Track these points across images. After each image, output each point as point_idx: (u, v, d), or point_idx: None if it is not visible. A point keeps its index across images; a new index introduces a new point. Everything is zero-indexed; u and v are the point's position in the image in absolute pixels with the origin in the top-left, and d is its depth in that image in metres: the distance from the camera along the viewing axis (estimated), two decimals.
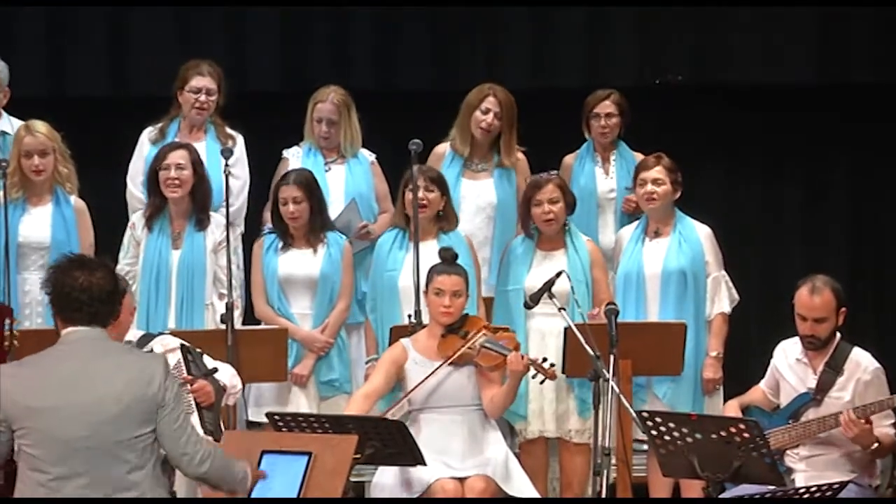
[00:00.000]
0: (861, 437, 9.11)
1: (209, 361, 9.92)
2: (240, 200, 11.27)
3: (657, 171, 10.61)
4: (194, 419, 9.58)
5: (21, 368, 7.83)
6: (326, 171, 11.25)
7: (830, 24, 13.38)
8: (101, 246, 11.00)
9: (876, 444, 9.16)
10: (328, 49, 13.52)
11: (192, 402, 9.68)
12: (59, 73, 13.38)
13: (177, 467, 8.05)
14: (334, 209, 11.08)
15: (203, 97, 11.38)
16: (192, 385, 9.58)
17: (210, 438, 9.36)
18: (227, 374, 9.80)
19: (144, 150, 11.47)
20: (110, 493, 7.66)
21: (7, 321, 9.92)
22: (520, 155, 11.37)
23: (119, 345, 8.38)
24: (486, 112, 11.21)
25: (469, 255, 10.59)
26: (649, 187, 10.57)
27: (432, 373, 9.79)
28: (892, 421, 9.27)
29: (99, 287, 7.77)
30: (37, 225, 10.69)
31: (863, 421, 9.14)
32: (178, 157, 10.72)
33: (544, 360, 9.71)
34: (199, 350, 9.90)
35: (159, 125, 11.49)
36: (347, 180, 11.29)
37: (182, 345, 9.70)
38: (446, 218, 10.66)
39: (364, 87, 12.00)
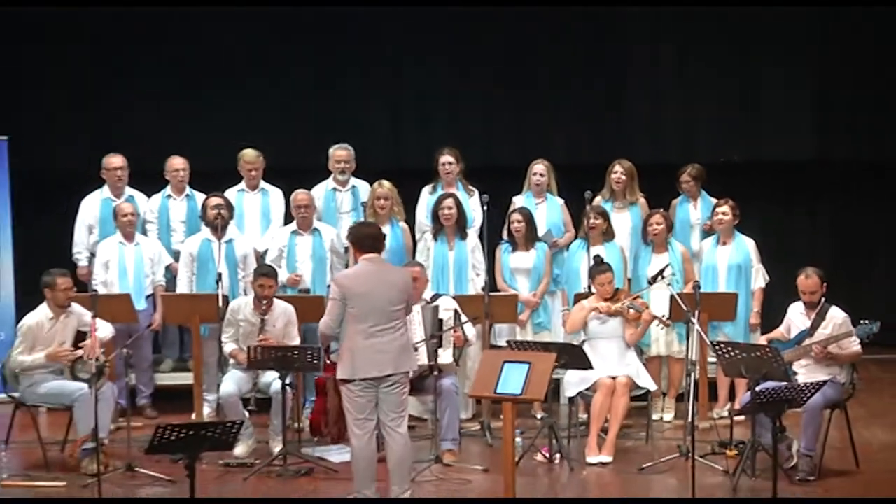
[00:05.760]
0: (823, 358, 9.38)
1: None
2: (477, 223, 11.21)
3: (726, 209, 10.95)
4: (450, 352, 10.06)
5: (349, 274, 8.79)
6: (537, 205, 11.28)
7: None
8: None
9: (832, 358, 9.39)
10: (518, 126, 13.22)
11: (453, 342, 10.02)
12: (398, 147, 13.19)
13: None
14: (540, 231, 11.19)
15: (448, 167, 11.37)
16: (455, 332, 9.98)
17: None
18: (471, 332, 10.12)
19: (425, 198, 11.52)
20: (390, 331, 8.54)
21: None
22: (642, 200, 11.42)
23: (389, 264, 9.24)
24: (616, 172, 11.35)
25: (620, 256, 10.92)
26: (721, 216, 10.95)
27: (591, 309, 10.11)
28: (857, 342, 9.40)
29: (377, 233, 8.85)
30: None
31: (823, 349, 9.36)
32: (450, 203, 10.96)
33: (663, 315, 10.19)
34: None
35: (433, 184, 11.50)
36: (549, 213, 11.35)
37: (455, 309, 10.08)
38: (608, 233, 10.94)
39: (558, 161, 11.72)
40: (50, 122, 12.76)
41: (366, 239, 8.85)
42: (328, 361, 9.76)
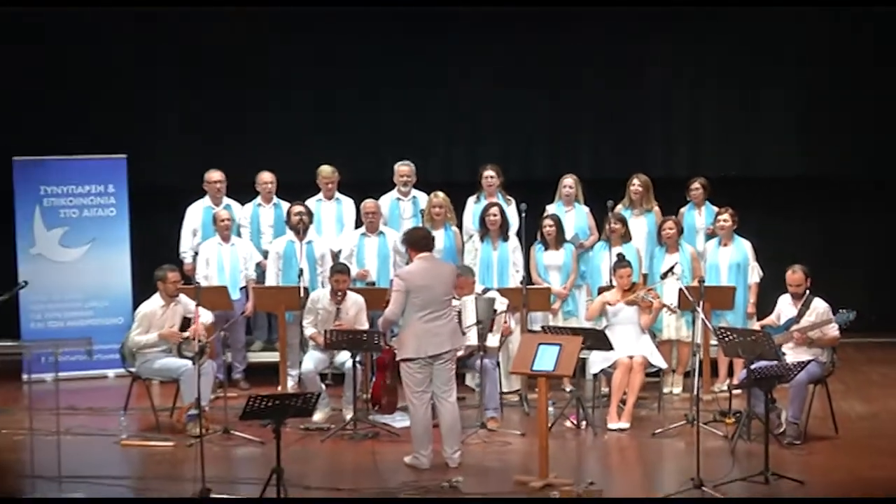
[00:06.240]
0: (802, 343, 9.41)
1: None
2: (515, 227, 11.01)
3: (727, 216, 10.89)
4: (497, 338, 10.02)
5: (411, 270, 8.70)
6: (566, 212, 11.23)
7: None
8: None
9: (811, 342, 9.40)
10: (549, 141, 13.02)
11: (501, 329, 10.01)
12: (450, 164, 12.88)
13: None
14: (569, 234, 11.16)
15: (490, 180, 11.30)
16: (505, 323, 10.02)
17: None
18: (512, 323, 10.19)
19: (471, 206, 11.44)
20: (444, 316, 8.60)
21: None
22: (656, 208, 11.35)
23: (440, 260, 9.28)
24: (634, 185, 11.30)
25: (636, 255, 10.82)
26: (722, 222, 10.88)
27: (603, 302, 10.15)
28: (836, 328, 9.38)
29: (427, 235, 8.95)
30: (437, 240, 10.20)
31: (802, 335, 9.36)
32: (495, 211, 10.89)
33: (671, 304, 10.26)
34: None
35: (476, 195, 11.43)
36: (577, 219, 11.30)
37: (508, 304, 10.10)
38: (626, 236, 10.86)
39: (584, 175, 11.67)
40: (161, 142, 12.75)
41: (419, 241, 8.90)
42: (385, 345, 9.79)
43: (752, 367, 8.86)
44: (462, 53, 12.90)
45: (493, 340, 9.93)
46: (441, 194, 11.22)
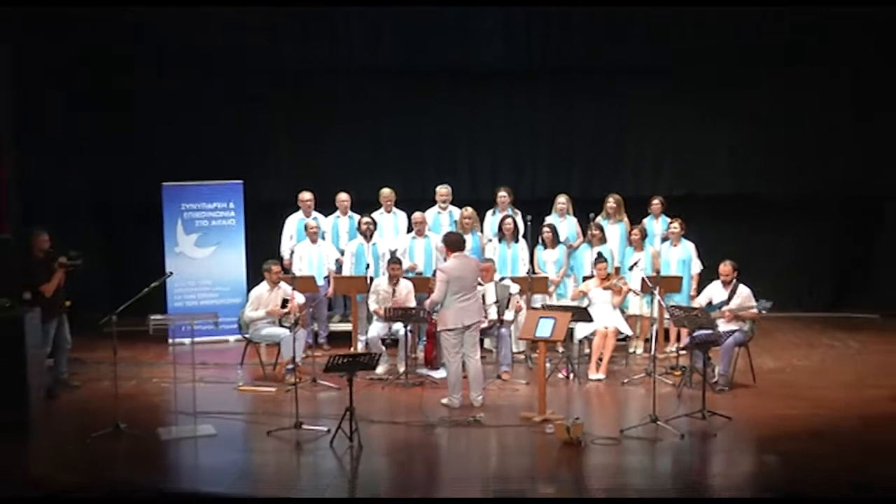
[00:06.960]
0: (731, 319, 9.27)
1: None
2: (522, 232, 10.79)
3: (677, 224, 10.70)
4: (512, 313, 9.80)
5: (450, 265, 8.54)
6: (560, 222, 10.96)
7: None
8: None
9: (736, 317, 9.24)
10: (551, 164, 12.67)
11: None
12: (475, 185, 12.51)
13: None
14: (562, 238, 10.82)
15: (503, 198, 10.99)
16: (517, 303, 9.76)
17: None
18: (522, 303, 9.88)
19: (489, 218, 11.20)
20: (473, 297, 8.46)
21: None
22: (626, 218, 11.12)
23: (469, 256, 8.95)
24: (609, 202, 11.09)
25: (611, 254, 10.65)
26: (673, 229, 10.70)
27: (584, 291, 10.13)
28: (755, 307, 9.22)
29: (461, 238, 8.81)
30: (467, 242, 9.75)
31: (730, 314, 9.23)
32: (509, 221, 10.64)
33: (636, 288, 10.14)
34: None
35: (492, 209, 11.20)
36: (568, 227, 11.10)
37: (520, 289, 10.01)
38: (603, 239, 10.65)
39: (574, 194, 11.46)
40: (268, 170, 12.61)
41: (454, 242, 8.87)
42: (429, 319, 9.78)
43: (694, 334, 8.83)
44: (485, 106, 12.77)
45: (508, 315, 9.83)
46: (469, 209, 11.09)
